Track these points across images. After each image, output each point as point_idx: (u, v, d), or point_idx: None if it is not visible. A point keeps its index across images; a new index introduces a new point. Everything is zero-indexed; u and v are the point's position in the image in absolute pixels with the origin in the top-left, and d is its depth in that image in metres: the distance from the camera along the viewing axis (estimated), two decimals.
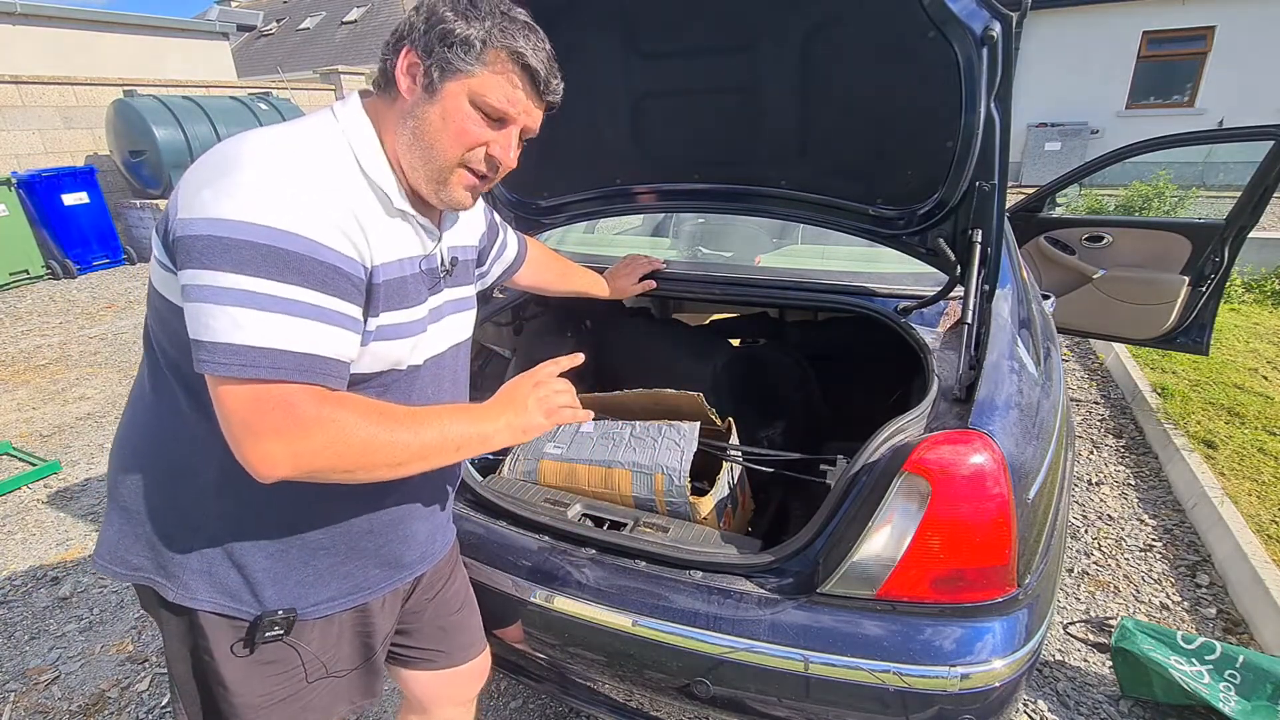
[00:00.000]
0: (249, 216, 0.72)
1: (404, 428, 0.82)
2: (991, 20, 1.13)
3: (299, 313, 0.75)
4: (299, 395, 0.75)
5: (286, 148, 0.79)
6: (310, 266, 0.75)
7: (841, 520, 1.18)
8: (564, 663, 1.34)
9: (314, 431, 0.75)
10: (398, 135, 0.87)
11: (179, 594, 0.90)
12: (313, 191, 0.77)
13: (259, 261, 0.72)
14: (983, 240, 1.34)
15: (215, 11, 17.21)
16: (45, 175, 6.97)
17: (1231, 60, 10.35)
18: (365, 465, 0.80)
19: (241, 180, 0.74)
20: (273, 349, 0.73)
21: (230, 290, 0.72)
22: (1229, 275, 2.79)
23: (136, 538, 0.92)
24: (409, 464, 0.83)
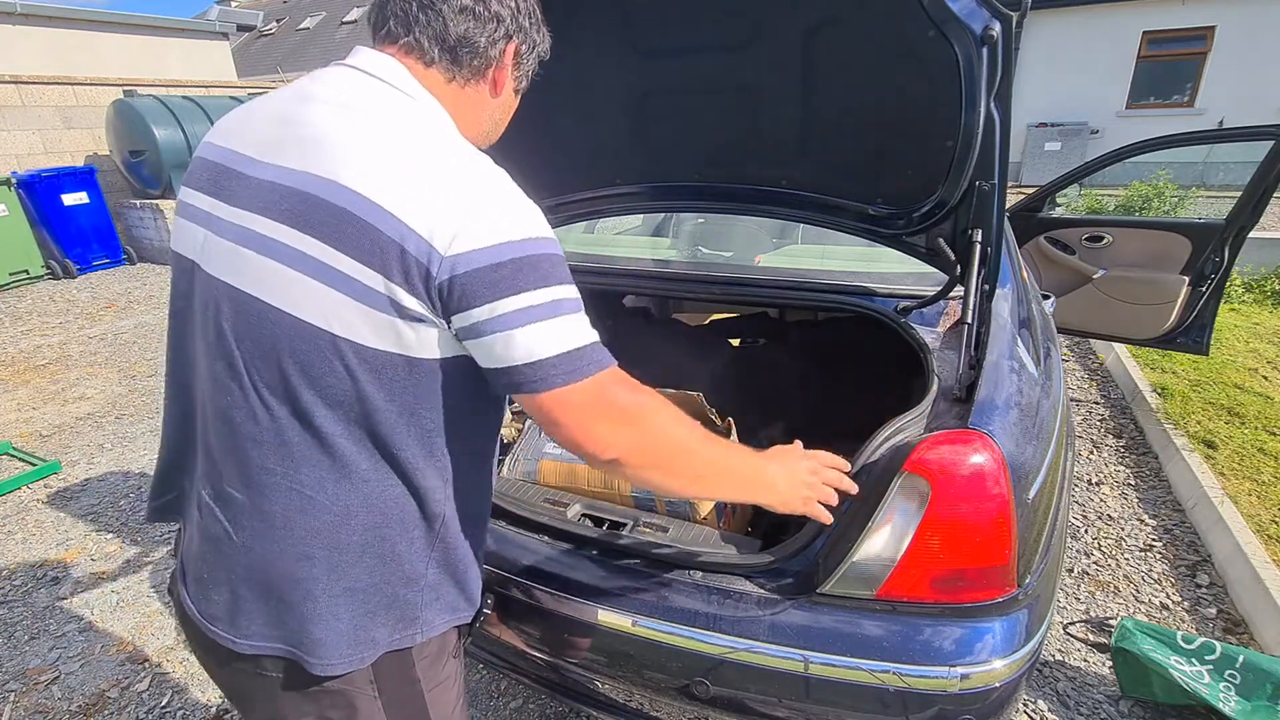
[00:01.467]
0: (527, 233, 0.74)
1: (711, 441, 0.89)
2: (991, 20, 1.13)
3: (580, 307, 0.79)
4: (616, 376, 0.80)
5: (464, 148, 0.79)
6: (565, 265, 0.79)
7: (841, 520, 1.18)
8: (564, 663, 1.34)
9: (644, 413, 0.81)
10: (478, 114, 0.90)
11: (424, 633, 0.89)
12: (521, 192, 0.80)
13: (548, 272, 0.75)
14: (983, 240, 1.34)
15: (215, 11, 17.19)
16: (45, 175, 6.97)
17: (1231, 60, 10.35)
18: (677, 468, 0.86)
19: (491, 198, 0.75)
20: (593, 344, 0.78)
21: (551, 303, 0.74)
22: (1229, 275, 2.80)
23: (375, 610, 0.84)
24: (708, 480, 0.90)
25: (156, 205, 7.59)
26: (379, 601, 0.85)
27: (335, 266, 0.71)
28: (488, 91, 0.89)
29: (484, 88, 0.88)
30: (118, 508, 2.90)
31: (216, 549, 0.85)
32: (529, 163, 1.78)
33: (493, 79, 0.88)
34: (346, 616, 0.83)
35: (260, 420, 0.77)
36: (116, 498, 2.98)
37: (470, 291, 0.71)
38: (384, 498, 0.82)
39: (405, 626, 0.87)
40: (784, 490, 1.00)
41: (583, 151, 1.72)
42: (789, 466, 1.02)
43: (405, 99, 0.80)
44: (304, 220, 0.72)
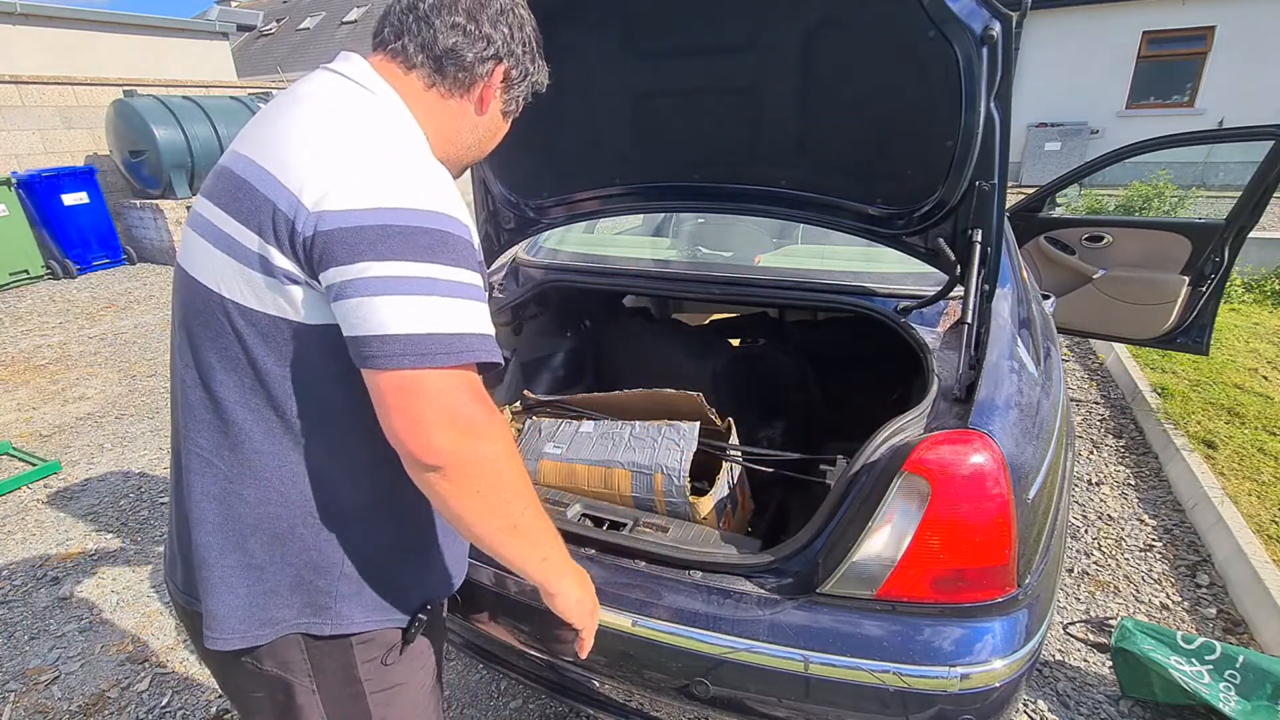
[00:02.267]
0: (417, 204, 0.71)
1: (535, 501, 0.83)
2: (991, 20, 1.13)
3: (471, 295, 0.74)
4: (474, 383, 0.75)
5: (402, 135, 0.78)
6: (467, 249, 0.75)
7: (841, 520, 1.18)
8: (563, 663, 1.34)
9: (488, 433, 0.74)
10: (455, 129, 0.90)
11: (336, 625, 0.86)
12: (441, 173, 0.78)
13: (435, 247, 0.71)
14: (983, 240, 1.34)
15: (215, 11, 17.20)
16: (45, 175, 6.97)
17: (1231, 60, 10.35)
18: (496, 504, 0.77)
19: (386, 165, 0.73)
20: (462, 333, 0.72)
21: (414, 279, 0.70)
22: (1229, 275, 2.80)
23: (275, 590, 0.84)
24: (519, 535, 0.82)
25: (156, 205, 7.59)
26: (280, 581, 0.84)
27: (225, 230, 0.76)
28: (472, 108, 0.90)
29: (468, 103, 0.90)
30: (118, 508, 2.90)
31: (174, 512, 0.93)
32: (529, 163, 1.79)
33: (479, 96, 0.90)
34: (242, 591, 0.83)
35: (186, 386, 0.83)
36: (116, 498, 2.98)
37: (330, 250, 0.69)
38: (279, 475, 0.82)
39: (315, 614, 0.86)
40: (574, 596, 0.93)
41: (583, 152, 1.72)
42: (586, 587, 0.96)
43: (361, 91, 0.81)
44: (222, 196, 0.78)
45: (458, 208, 0.76)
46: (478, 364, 0.75)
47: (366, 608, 0.88)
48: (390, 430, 0.72)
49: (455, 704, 1.89)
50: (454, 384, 0.72)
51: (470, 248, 0.76)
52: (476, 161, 0.99)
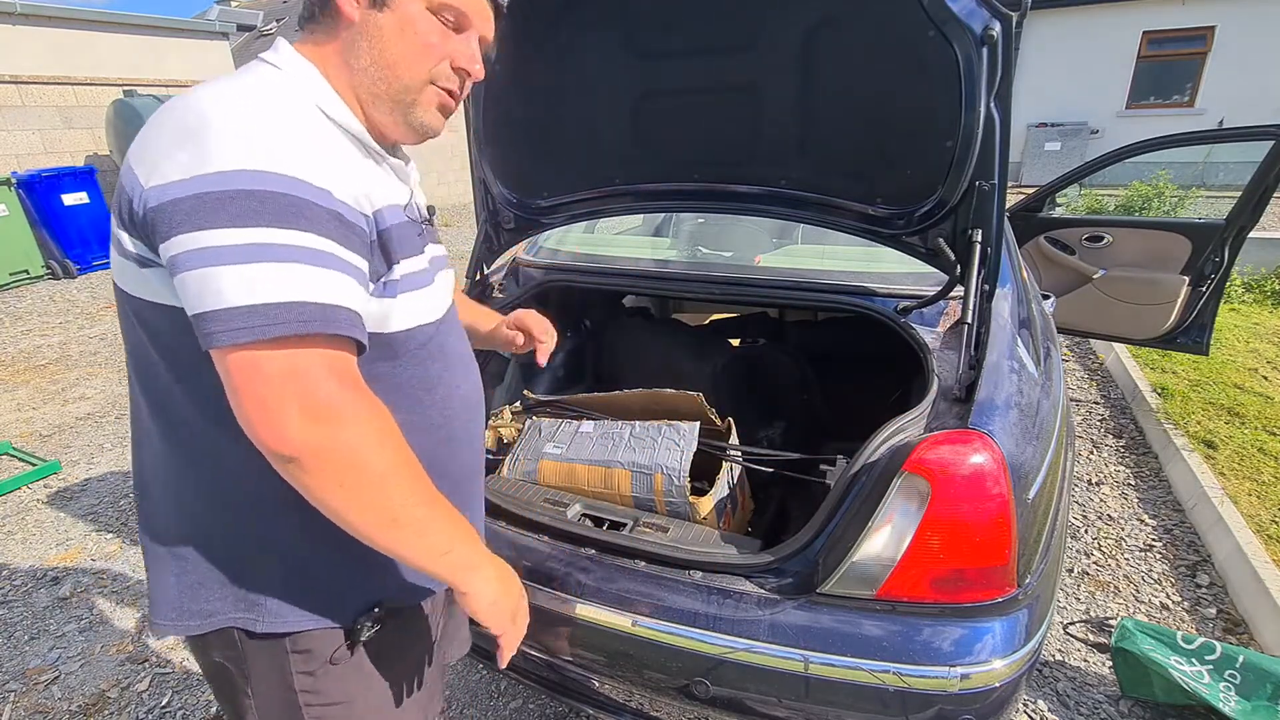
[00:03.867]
0: (234, 165, 0.64)
1: (424, 491, 0.75)
2: (991, 20, 1.13)
3: (314, 260, 0.66)
4: (332, 362, 0.68)
5: (252, 95, 0.70)
6: (314, 211, 0.67)
7: (841, 520, 1.18)
8: (563, 663, 1.34)
9: (347, 417, 0.68)
10: (350, 66, 0.78)
11: (269, 623, 0.83)
12: (297, 134, 0.70)
13: (259, 210, 0.64)
14: (983, 240, 1.34)
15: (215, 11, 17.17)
16: (45, 175, 6.97)
17: (1231, 60, 10.35)
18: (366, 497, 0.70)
19: (216, 131, 0.65)
20: (294, 302, 0.64)
21: (232, 247, 0.63)
22: (1229, 275, 2.80)
23: (203, 582, 0.83)
24: (404, 531, 0.73)
25: None
26: (207, 574, 0.82)
27: (112, 226, 0.75)
28: (344, 31, 0.78)
29: (341, 32, 0.78)
30: (118, 508, 2.90)
31: None
32: (529, 163, 1.79)
33: (341, 10, 0.77)
34: (172, 580, 0.83)
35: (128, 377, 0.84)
36: (116, 498, 2.98)
37: (160, 225, 0.65)
38: (190, 464, 0.81)
39: (248, 608, 0.83)
40: (489, 597, 0.83)
41: (582, 151, 1.72)
42: (507, 586, 0.86)
43: (262, 66, 0.77)
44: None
45: (303, 166, 0.68)
46: (336, 339, 0.68)
47: (300, 605, 0.84)
48: (238, 416, 0.66)
49: (455, 704, 1.89)
50: (300, 362, 0.66)
51: (318, 210, 0.67)
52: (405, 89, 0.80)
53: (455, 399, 0.94)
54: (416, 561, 0.77)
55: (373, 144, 0.82)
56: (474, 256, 1.91)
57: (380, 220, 0.78)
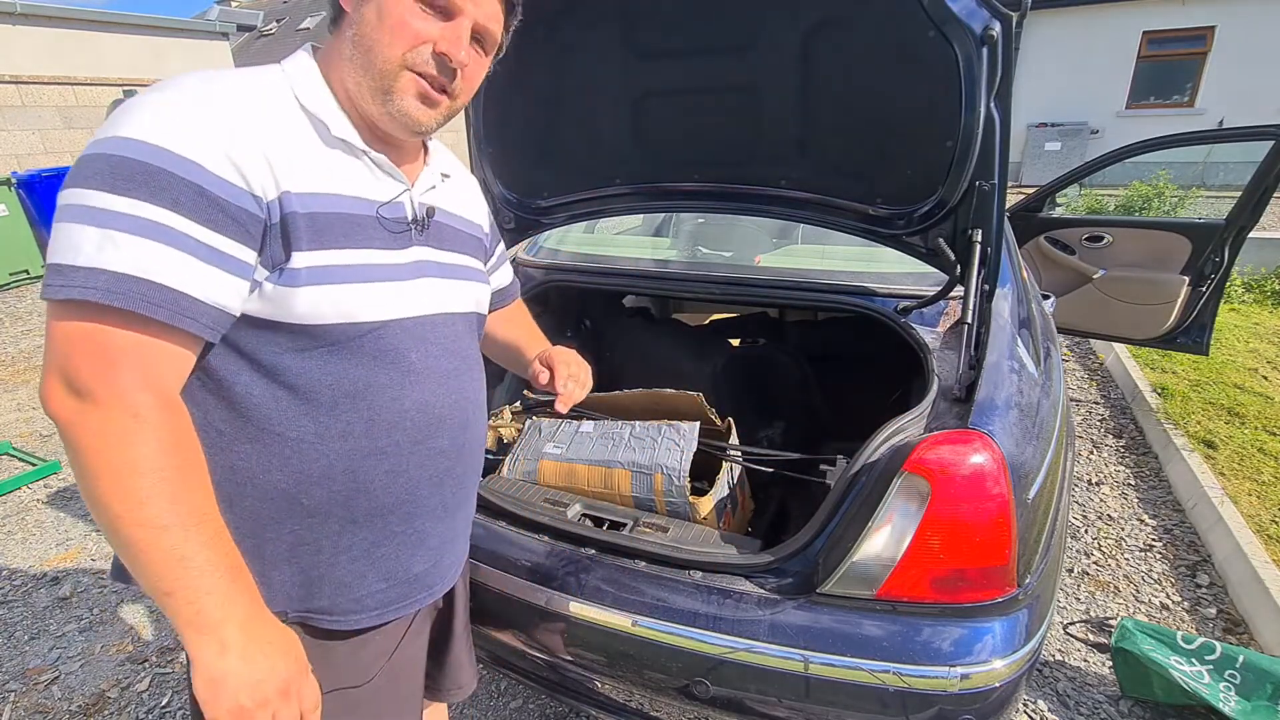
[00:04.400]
0: (115, 133, 0.66)
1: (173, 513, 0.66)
2: (991, 20, 1.13)
3: (145, 232, 0.64)
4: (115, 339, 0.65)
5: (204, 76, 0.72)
6: (165, 180, 0.65)
7: (841, 520, 1.18)
8: (563, 663, 1.34)
9: (105, 401, 0.64)
10: (341, 54, 0.79)
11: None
12: (205, 109, 0.69)
13: (105, 174, 0.65)
14: (983, 240, 1.34)
15: (215, 11, 17.20)
16: (45, 175, 6.96)
17: (1231, 60, 10.35)
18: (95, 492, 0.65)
19: (131, 103, 0.69)
20: (93, 268, 0.63)
21: (70, 207, 0.65)
22: (1229, 275, 2.80)
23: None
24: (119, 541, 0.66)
25: None
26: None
27: None
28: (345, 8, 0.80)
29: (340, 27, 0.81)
30: None
31: None
32: (529, 163, 1.79)
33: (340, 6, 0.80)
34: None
35: None
36: None
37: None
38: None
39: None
40: (209, 673, 0.69)
41: (583, 151, 1.72)
42: (251, 668, 0.70)
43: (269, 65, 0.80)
44: None
45: (181, 139, 0.67)
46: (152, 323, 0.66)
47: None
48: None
49: (455, 704, 1.89)
50: (73, 330, 0.65)
51: (171, 180, 0.66)
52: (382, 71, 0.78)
53: (391, 412, 0.83)
54: (145, 588, 0.68)
55: (350, 135, 0.80)
56: None
57: (287, 204, 0.74)
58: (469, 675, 1.20)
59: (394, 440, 0.85)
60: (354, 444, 0.81)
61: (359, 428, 0.81)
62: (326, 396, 0.79)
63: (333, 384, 0.79)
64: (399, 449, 0.85)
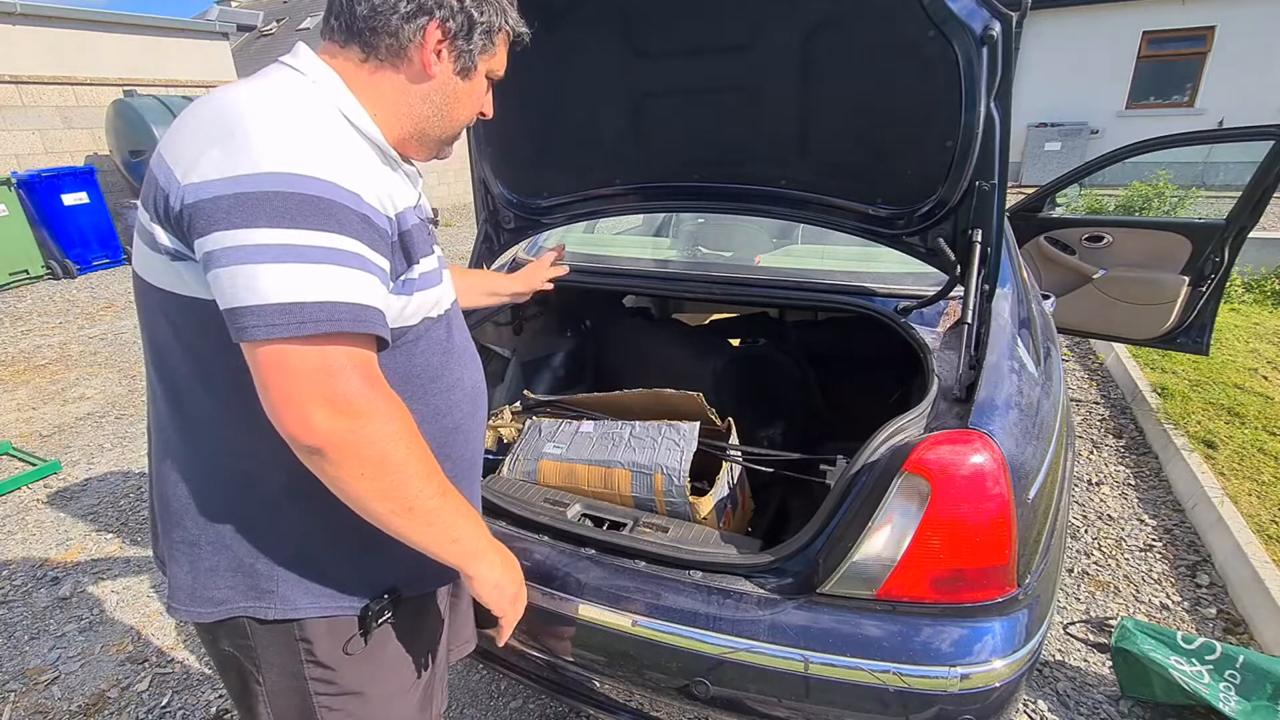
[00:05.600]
0: (271, 168, 0.68)
1: (438, 482, 0.80)
2: (991, 20, 1.13)
3: (346, 262, 0.70)
4: (357, 359, 0.72)
5: (284, 99, 0.74)
6: (346, 215, 0.71)
7: (841, 520, 1.18)
8: (563, 663, 1.34)
9: (371, 412, 0.72)
10: (407, 109, 0.86)
11: (280, 609, 0.86)
12: (329, 140, 0.74)
13: (295, 212, 0.67)
14: (983, 240, 1.34)
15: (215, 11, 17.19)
16: (45, 175, 6.97)
17: (1231, 60, 10.35)
18: (385, 487, 0.75)
19: (252, 133, 0.69)
20: (327, 302, 0.68)
21: (270, 246, 0.66)
22: (1229, 275, 2.79)
23: (214, 569, 0.86)
24: (418, 518, 0.78)
25: None
26: (218, 561, 0.86)
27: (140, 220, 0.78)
28: (412, 75, 0.84)
29: (409, 71, 0.84)
30: (118, 508, 2.90)
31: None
32: (530, 163, 1.79)
33: (418, 61, 0.83)
34: (186, 566, 0.87)
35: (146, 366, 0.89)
36: (116, 498, 2.98)
37: (198, 221, 0.68)
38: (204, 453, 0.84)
39: (258, 596, 0.86)
40: (493, 580, 0.90)
41: (583, 152, 1.72)
42: (509, 570, 0.94)
43: (290, 74, 0.79)
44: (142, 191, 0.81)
45: (336, 171, 0.71)
46: (362, 337, 0.72)
47: (310, 592, 0.87)
48: (269, 409, 0.70)
49: (455, 704, 1.89)
50: (326, 359, 0.69)
51: (347, 212, 0.71)
52: (453, 132, 0.93)
53: (458, 390, 0.97)
54: (428, 547, 0.82)
55: (391, 151, 0.86)
56: (474, 256, 1.91)
57: (402, 222, 0.82)
58: (472, 631, 1.27)
59: (465, 413, 0.99)
60: (440, 422, 0.93)
61: (443, 406, 0.94)
62: (418, 384, 0.90)
63: (421, 371, 0.90)
64: (468, 421, 1.00)
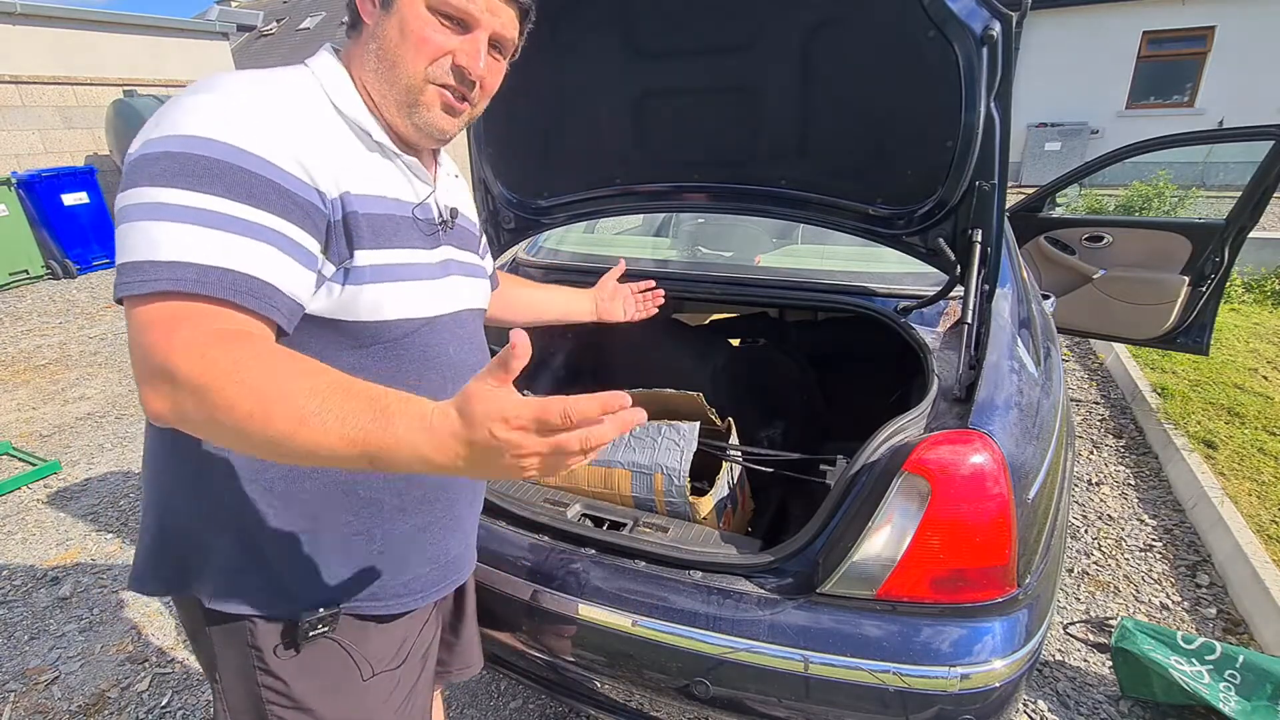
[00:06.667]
0: (176, 130, 0.67)
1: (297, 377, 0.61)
2: (991, 20, 1.13)
3: (215, 224, 0.66)
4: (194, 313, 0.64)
5: (251, 77, 0.74)
6: (237, 176, 0.67)
7: (841, 520, 1.18)
8: (563, 663, 1.34)
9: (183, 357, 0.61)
10: (365, 66, 0.82)
11: (216, 601, 0.85)
12: (262, 109, 0.71)
13: (174, 172, 0.66)
14: (983, 240, 1.34)
15: (215, 11, 17.18)
16: (45, 175, 6.97)
17: (1231, 60, 10.34)
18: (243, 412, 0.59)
19: (184, 102, 0.70)
20: (175, 261, 0.64)
21: (141, 205, 0.66)
22: (1229, 275, 2.79)
23: (168, 549, 0.87)
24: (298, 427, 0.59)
25: None
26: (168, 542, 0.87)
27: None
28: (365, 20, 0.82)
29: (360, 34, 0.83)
30: (118, 508, 2.90)
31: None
32: (529, 163, 1.79)
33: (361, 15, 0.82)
34: (147, 543, 0.88)
35: None
36: (116, 498, 2.98)
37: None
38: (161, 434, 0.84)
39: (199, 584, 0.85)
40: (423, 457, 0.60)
41: (582, 151, 1.72)
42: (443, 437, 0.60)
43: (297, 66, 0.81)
44: None
45: (249, 137, 0.69)
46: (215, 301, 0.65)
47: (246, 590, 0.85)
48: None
49: (455, 704, 1.89)
50: (150, 319, 0.64)
51: (245, 175, 0.67)
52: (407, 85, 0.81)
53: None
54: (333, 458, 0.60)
55: (385, 140, 0.84)
56: None
57: (348, 204, 0.77)
58: (477, 654, 1.25)
59: None
60: None
61: None
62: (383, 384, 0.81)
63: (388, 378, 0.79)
64: None
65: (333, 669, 0.91)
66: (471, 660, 1.23)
